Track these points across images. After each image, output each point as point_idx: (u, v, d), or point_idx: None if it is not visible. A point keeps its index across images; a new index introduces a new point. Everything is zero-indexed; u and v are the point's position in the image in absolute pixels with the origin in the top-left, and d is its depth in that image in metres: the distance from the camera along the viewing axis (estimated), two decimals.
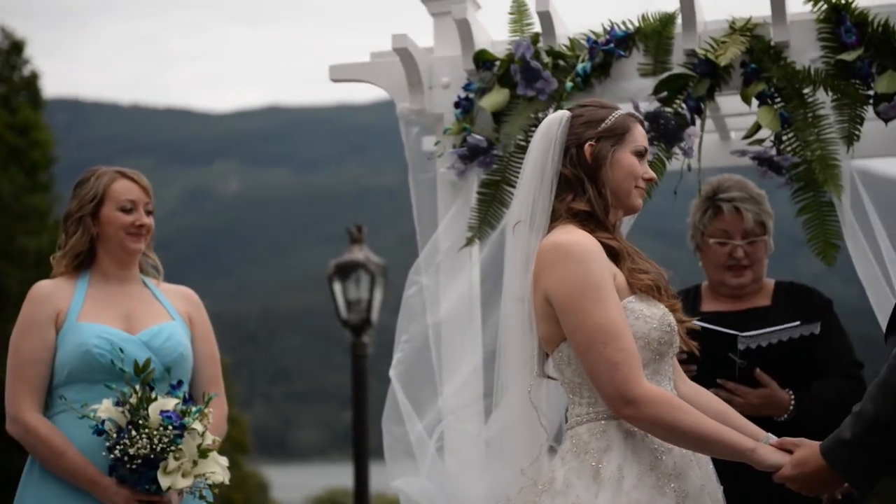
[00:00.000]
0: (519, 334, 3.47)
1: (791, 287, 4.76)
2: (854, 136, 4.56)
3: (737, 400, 4.38)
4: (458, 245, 4.90)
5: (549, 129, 3.48)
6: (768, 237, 4.73)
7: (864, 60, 4.52)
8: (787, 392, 4.45)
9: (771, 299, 4.73)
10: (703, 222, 4.75)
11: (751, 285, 4.72)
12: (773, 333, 4.40)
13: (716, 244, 4.71)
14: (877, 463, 3.11)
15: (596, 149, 3.45)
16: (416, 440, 4.78)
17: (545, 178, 3.45)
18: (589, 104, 3.55)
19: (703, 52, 4.67)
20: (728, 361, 4.41)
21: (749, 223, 4.67)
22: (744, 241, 4.68)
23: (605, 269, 3.32)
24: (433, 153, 5.03)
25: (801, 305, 4.65)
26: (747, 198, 4.70)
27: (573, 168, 3.45)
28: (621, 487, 3.23)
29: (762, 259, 4.73)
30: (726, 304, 4.75)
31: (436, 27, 5.12)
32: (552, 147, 3.45)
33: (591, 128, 3.47)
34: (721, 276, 4.73)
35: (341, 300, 12.80)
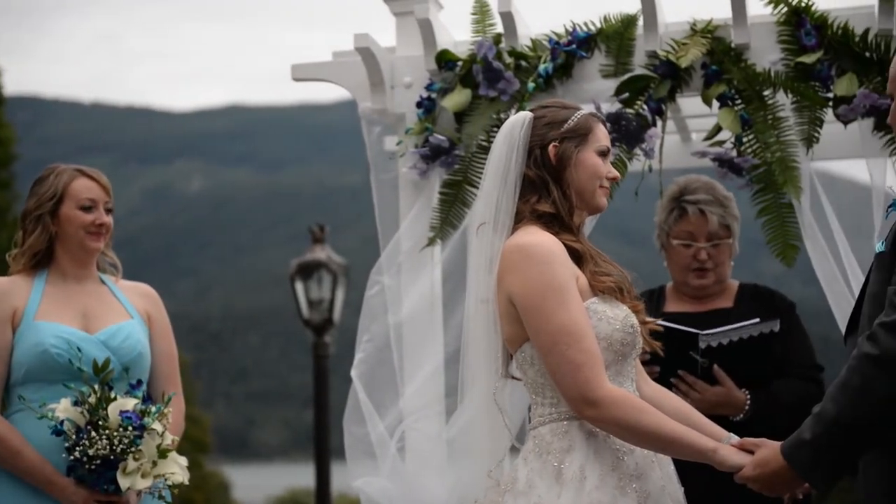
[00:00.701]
0: (483, 335, 3.47)
1: (754, 289, 4.79)
2: (813, 139, 4.59)
3: (693, 395, 4.41)
4: (419, 245, 4.90)
5: (512, 131, 3.48)
6: (733, 240, 4.75)
7: (824, 63, 4.55)
8: (744, 392, 4.47)
9: (734, 301, 4.75)
10: (668, 223, 4.76)
11: (713, 286, 4.74)
12: (733, 331, 4.42)
13: (680, 245, 4.72)
14: (836, 463, 3.13)
15: (560, 150, 3.46)
16: (377, 440, 4.78)
17: (508, 180, 3.44)
18: (551, 105, 3.56)
19: (664, 53, 4.69)
20: (690, 360, 4.43)
21: (714, 226, 4.69)
22: (708, 244, 4.70)
23: (568, 270, 3.33)
24: (395, 153, 5.03)
25: (764, 307, 4.67)
26: (713, 200, 4.71)
27: (537, 169, 3.45)
28: (583, 488, 3.24)
29: (726, 261, 4.75)
30: (690, 305, 4.77)
31: (398, 27, 5.12)
32: (515, 149, 3.45)
33: (554, 129, 3.47)
34: (684, 276, 4.75)
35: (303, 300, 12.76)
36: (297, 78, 5.21)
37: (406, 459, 4.81)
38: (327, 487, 12.99)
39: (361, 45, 4.90)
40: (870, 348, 3.04)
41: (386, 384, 4.89)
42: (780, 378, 4.54)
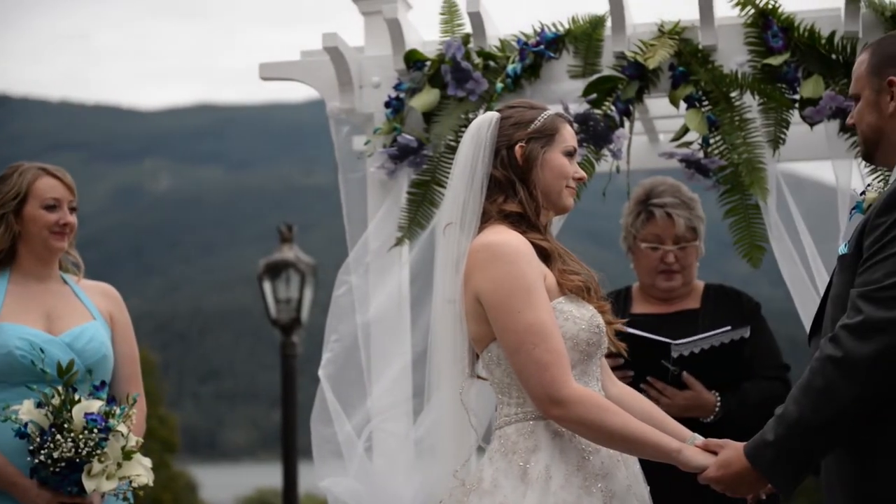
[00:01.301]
0: (450, 335, 3.47)
1: (721, 290, 4.80)
2: (780, 140, 4.62)
3: (664, 400, 4.42)
4: (387, 245, 4.90)
5: (479, 131, 3.48)
6: (699, 242, 4.77)
7: (791, 65, 4.58)
8: (714, 394, 4.49)
9: (700, 302, 4.77)
10: (635, 226, 4.77)
11: (681, 288, 4.76)
12: (704, 339, 4.43)
13: (647, 248, 4.73)
14: (799, 464, 3.14)
15: (526, 150, 3.46)
16: (345, 440, 4.78)
17: (475, 180, 3.45)
18: (518, 105, 3.56)
19: (632, 54, 4.70)
20: (661, 368, 4.44)
21: (681, 229, 4.70)
22: (675, 247, 4.71)
23: (535, 269, 3.33)
24: (363, 153, 5.03)
25: (730, 308, 4.69)
26: (679, 203, 4.72)
27: (504, 169, 3.46)
28: (549, 487, 3.24)
29: (693, 263, 4.76)
30: (656, 306, 4.78)
31: (366, 26, 5.11)
32: (482, 149, 3.45)
33: (520, 129, 3.47)
34: (652, 279, 4.76)
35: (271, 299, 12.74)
36: (265, 77, 5.20)
37: (373, 459, 4.80)
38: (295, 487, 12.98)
39: (330, 45, 4.89)
40: (832, 350, 3.05)
41: (354, 384, 4.89)
42: (748, 379, 4.57)
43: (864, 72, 3.32)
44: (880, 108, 3.27)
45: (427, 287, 4.59)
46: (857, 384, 3.03)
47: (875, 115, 3.29)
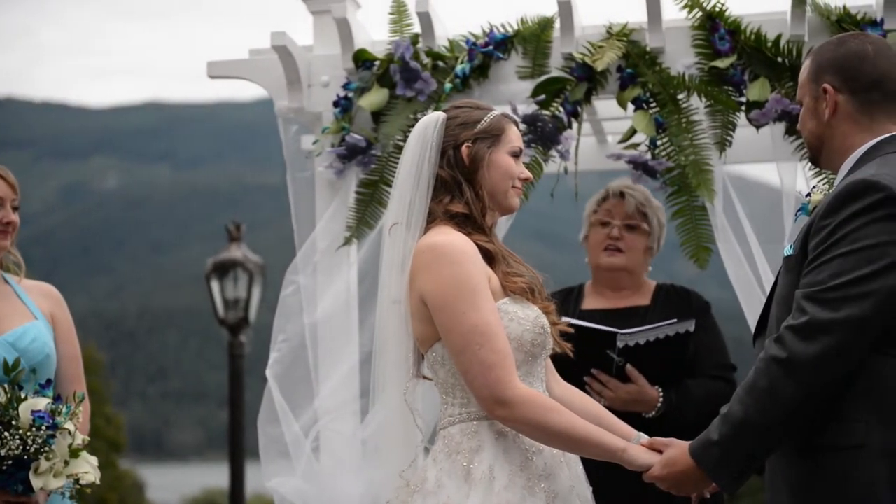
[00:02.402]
0: (395, 335, 3.47)
1: (671, 289, 4.83)
2: (726, 142, 4.65)
3: (607, 393, 4.45)
4: (335, 245, 4.89)
5: (425, 131, 3.48)
6: (651, 233, 4.78)
7: (737, 68, 4.61)
8: (656, 389, 4.51)
9: (650, 299, 4.79)
10: (591, 207, 4.83)
11: (623, 273, 4.77)
12: (650, 331, 4.46)
13: (597, 225, 4.77)
14: (743, 463, 3.16)
15: (473, 150, 3.46)
16: (292, 440, 4.76)
17: (421, 180, 3.45)
18: (464, 105, 3.56)
19: (580, 56, 4.72)
20: (606, 359, 4.46)
21: (630, 208, 4.74)
22: (622, 222, 4.74)
23: (480, 270, 3.34)
24: (311, 152, 5.02)
25: (680, 307, 4.71)
26: (637, 190, 4.77)
27: (450, 169, 3.46)
28: (492, 488, 3.25)
29: (639, 248, 4.77)
30: (607, 301, 4.80)
31: (315, 26, 5.10)
32: (428, 149, 3.46)
33: (467, 129, 3.47)
34: (597, 258, 4.78)
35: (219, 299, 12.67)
36: (213, 75, 5.18)
37: (320, 459, 4.79)
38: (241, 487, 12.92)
39: (278, 44, 4.87)
40: (777, 351, 3.08)
41: (301, 384, 4.87)
42: (692, 376, 4.60)
43: (805, 78, 3.35)
44: (818, 115, 3.30)
45: (375, 287, 4.55)
46: (802, 384, 3.05)
47: (815, 122, 3.32)
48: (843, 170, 3.29)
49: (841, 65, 3.27)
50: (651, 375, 4.51)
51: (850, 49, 3.29)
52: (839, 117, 3.28)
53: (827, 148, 3.32)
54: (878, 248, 3.04)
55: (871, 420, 3.06)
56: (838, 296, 3.03)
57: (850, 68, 3.26)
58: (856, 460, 3.06)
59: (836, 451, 3.09)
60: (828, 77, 3.28)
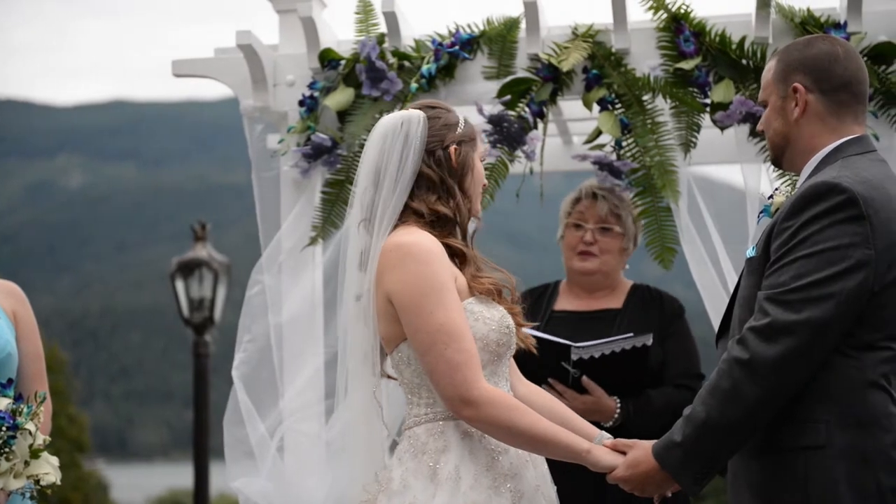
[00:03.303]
0: (360, 333, 3.46)
1: (646, 291, 4.82)
2: (691, 143, 4.67)
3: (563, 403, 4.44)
4: (301, 244, 4.88)
5: (407, 127, 3.43)
6: (625, 234, 4.77)
7: (702, 69, 4.62)
8: (614, 399, 4.51)
9: (623, 302, 4.79)
10: (565, 210, 4.83)
11: (599, 277, 4.77)
12: (605, 345, 4.44)
13: (571, 227, 4.77)
14: (706, 464, 3.18)
15: (460, 153, 3.45)
16: (258, 441, 4.75)
17: (402, 177, 3.41)
18: (438, 106, 3.53)
19: (546, 56, 4.73)
20: (562, 370, 4.46)
21: (603, 210, 4.73)
22: (595, 226, 4.74)
23: (446, 270, 3.34)
24: (277, 151, 5.00)
25: (651, 311, 4.72)
26: (608, 191, 4.76)
27: (439, 170, 3.43)
28: (458, 488, 3.25)
29: (612, 251, 4.77)
30: (579, 302, 4.80)
31: (281, 25, 5.09)
32: (412, 145, 3.42)
33: (451, 131, 3.46)
34: (571, 261, 4.78)
35: (184, 298, 12.61)
36: (178, 74, 5.16)
37: (285, 460, 4.78)
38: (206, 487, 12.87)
39: (243, 43, 4.86)
40: (739, 352, 3.09)
41: (267, 385, 4.86)
42: (655, 386, 4.59)
43: (771, 78, 3.36)
44: (786, 114, 3.32)
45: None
46: (764, 385, 3.07)
47: (781, 122, 3.33)
48: (805, 171, 3.31)
49: (812, 65, 3.29)
50: (609, 386, 4.50)
51: (820, 50, 3.31)
52: (808, 117, 3.29)
53: (792, 148, 3.33)
54: (839, 250, 3.06)
55: (831, 420, 3.09)
56: (800, 297, 3.05)
57: (822, 69, 3.28)
58: (817, 460, 3.08)
59: (798, 452, 3.11)
60: (798, 76, 3.29)
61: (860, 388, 3.09)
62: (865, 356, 3.11)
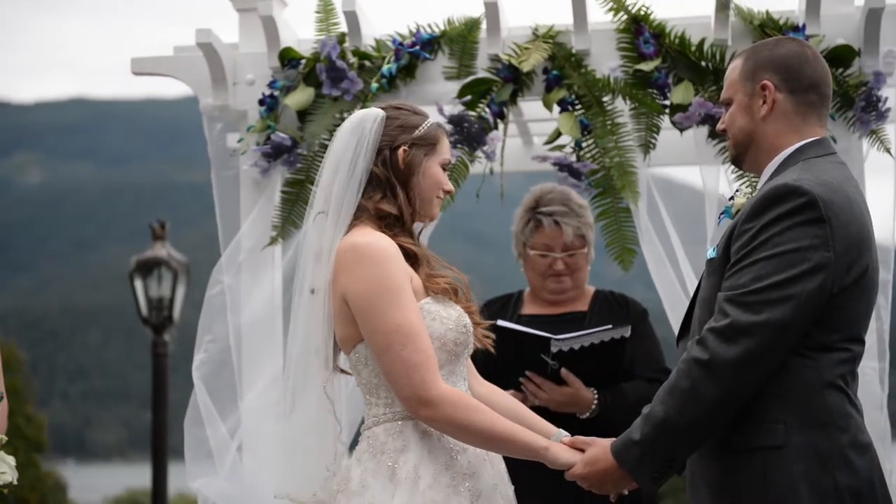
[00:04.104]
0: (314, 326, 3.45)
1: (610, 295, 4.85)
2: (650, 145, 4.69)
3: (542, 395, 4.46)
4: (261, 244, 4.87)
5: (363, 124, 3.45)
6: (588, 248, 4.78)
7: (661, 71, 4.64)
8: (592, 391, 4.53)
9: (588, 305, 4.80)
10: (524, 234, 4.78)
11: (570, 291, 4.78)
12: (584, 336, 4.47)
13: (537, 256, 4.74)
14: (664, 463, 3.19)
15: (409, 155, 3.46)
16: (218, 442, 4.74)
17: (354, 173, 3.42)
18: (403, 108, 3.54)
19: (506, 57, 4.73)
20: (541, 363, 4.47)
21: (569, 237, 4.70)
22: (564, 254, 4.72)
23: (402, 270, 3.34)
24: (236, 150, 4.98)
25: (617, 313, 4.74)
26: (568, 212, 4.72)
27: (384, 169, 3.45)
28: (417, 487, 3.26)
29: (582, 268, 4.78)
30: (545, 308, 4.81)
31: (241, 23, 5.07)
32: (365, 143, 3.43)
33: (405, 132, 3.47)
34: (542, 284, 4.77)
35: (142, 297, 12.53)
36: (137, 72, 5.13)
37: (245, 461, 4.77)
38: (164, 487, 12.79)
39: (203, 41, 4.84)
40: (699, 353, 3.10)
41: (228, 385, 4.85)
42: (628, 381, 4.62)
43: (737, 76, 3.36)
44: (752, 112, 3.32)
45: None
46: (722, 386, 3.08)
47: (747, 119, 3.33)
48: (766, 172, 3.32)
49: (781, 64, 3.30)
50: (586, 378, 4.53)
51: (790, 50, 3.32)
52: (775, 115, 3.30)
53: (755, 147, 3.34)
54: (798, 252, 3.07)
55: (789, 421, 3.11)
56: (759, 299, 3.06)
57: (791, 68, 3.29)
58: (775, 461, 3.10)
59: (756, 452, 3.13)
60: (767, 75, 3.30)
61: (818, 389, 3.11)
62: (823, 357, 3.12)
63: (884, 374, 4.56)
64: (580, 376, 4.52)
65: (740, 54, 3.41)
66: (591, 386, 4.54)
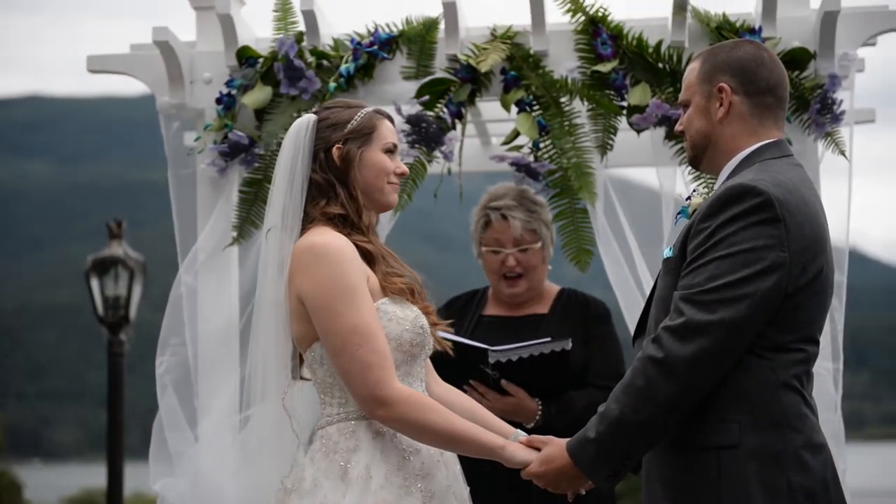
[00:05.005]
0: (274, 338, 3.45)
1: (572, 295, 4.82)
2: (608, 146, 4.70)
3: (484, 404, 4.45)
4: (222, 244, 4.85)
5: (297, 134, 3.47)
6: (543, 245, 4.76)
7: (619, 72, 4.66)
8: (536, 401, 4.53)
9: (549, 307, 4.79)
10: (477, 231, 4.79)
11: (525, 293, 4.78)
12: (522, 349, 4.44)
13: (489, 252, 4.75)
14: (619, 461, 3.20)
15: (343, 151, 3.46)
16: (180, 443, 4.73)
17: (295, 184, 3.44)
18: (333, 106, 3.56)
19: (464, 57, 4.74)
20: (482, 372, 4.47)
21: (517, 231, 4.70)
22: (515, 249, 4.72)
23: (358, 270, 3.34)
24: (193, 149, 4.96)
25: (575, 315, 4.73)
26: (516, 206, 4.72)
27: (323, 172, 3.45)
28: (369, 487, 3.26)
29: (537, 266, 4.76)
30: (506, 309, 4.81)
31: (198, 22, 5.04)
32: (300, 152, 3.45)
33: (337, 130, 3.47)
34: (497, 284, 4.77)
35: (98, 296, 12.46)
36: (93, 70, 5.10)
37: (204, 462, 4.75)
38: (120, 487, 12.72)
39: (160, 39, 4.82)
40: (654, 351, 3.12)
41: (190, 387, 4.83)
42: (578, 387, 4.60)
43: (694, 79, 3.37)
44: (710, 115, 3.33)
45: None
46: (677, 384, 3.10)
47: (704, 121, 3.35)
48: (723, 173, 3.33)
49: (739, 67, 3.31)
50: (531, 389, 4.51)
51: (747, 53, 3.34)
52: (731, 118, 3.31)
53: (712, 149, 3.35)
54: (754, 252, 3.09)
55: (744, 420, 3.12)
56: (714, 298, 3.08)
57: (749, 71, 3.31)
58: (730, 460, 3.11)
59: (710, 451, 3.14)
60: (724, 77, 3.32)
61: (773, 389, 3.13)
62: (779, 357, 3.14)
63: (838, 375, 4.60)
64: (525, 387, 4.50)
65: (698, 56, 3.42)
66: (538, 396, 4.53)
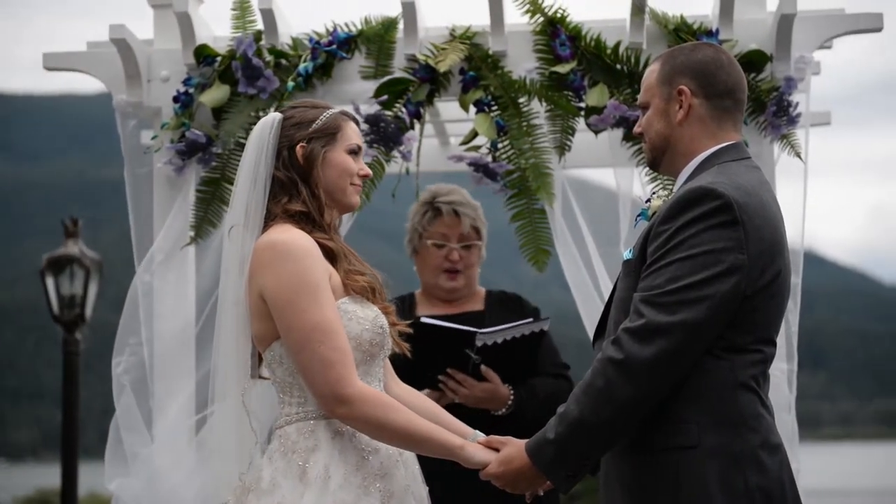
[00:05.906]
0: (234, 336, 3.45)
1: (503, 294, 4.91)
2: (566, 147, 4.71)
3: (461, 391, 4.48)
4: (179, 244, 4.83)
5: (262, 132, 3.47)
6: (482, 245, 4.82)
7: (577, 73, 4.67)
8: (507, 387, 4.56)
9: (483, 305, 4.84)
10: (422, 224, 4.81)
11: (463, 289, 4.81)
12: (508, 329, 4.51)
13: (433, 246, 4.77)
14: (578, 462, 3.20)
15: (307, 150, 3.46)
16: (137, 443, 4.72)
17: (258, 182, 3.44)
18: (300, 105, 3.56)
19: (423, 57, 4.74)
20: (462, 358, 4.49)
21: (466, 227, 4.76)
22: (460, 245, 4.76)
23: (320, 267, 3.34)
24: (150, 147, 4.94)
25: (515, 310, 4.79)
26: (466, 203, 4.80)
27: (286, 170, 3.45)
28: (327, 487, 3.25)
29: (475, 265, 4.83)
30: (441, 308, 4.83)
31: (156, 19, 5.03)
32: (264, 150, 3.45)
33: (302, 129, 3.47)
34: (435, 279, 4.80)
35: (54, 295, 12.36)
36: (49, 67, 5.07)
37: (159, 462, 4.73)
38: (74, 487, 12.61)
39: (117, 37, 4.79)
40: (613, 352, 3.12)
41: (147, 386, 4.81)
42: (534, 376, 4.66)
43: (654, 80, 3.38)
44: (669, 117, 3.34)
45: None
46: (637, 385, 3.10)
47: (664, 123, 3.35)
48: (682, 176, 3.34)
49: (698, 69, 3.32)
50: (503, 374, 4.56)
51: (706, 55, 3.35)
52: (690, 120, 3.32)
53: (671, 151, 3.36)
54: (713, 254, 3.10)
55: (702, 421, 3.13)
56: (674, 300, 3.09)
57: (708, 74, 3.32)
58: (688, 460, 3.12)
59: (670, 452, 3.15)
60: (684, 80, 3.32)
61: (731, 390, 3.14)
62: (736, 358, 3.15)
63: (792, 376, 4.63)
64: (499, 371, 4.55)
65: (658, 59, 3.43)
66: (507, 382, 4.58)
